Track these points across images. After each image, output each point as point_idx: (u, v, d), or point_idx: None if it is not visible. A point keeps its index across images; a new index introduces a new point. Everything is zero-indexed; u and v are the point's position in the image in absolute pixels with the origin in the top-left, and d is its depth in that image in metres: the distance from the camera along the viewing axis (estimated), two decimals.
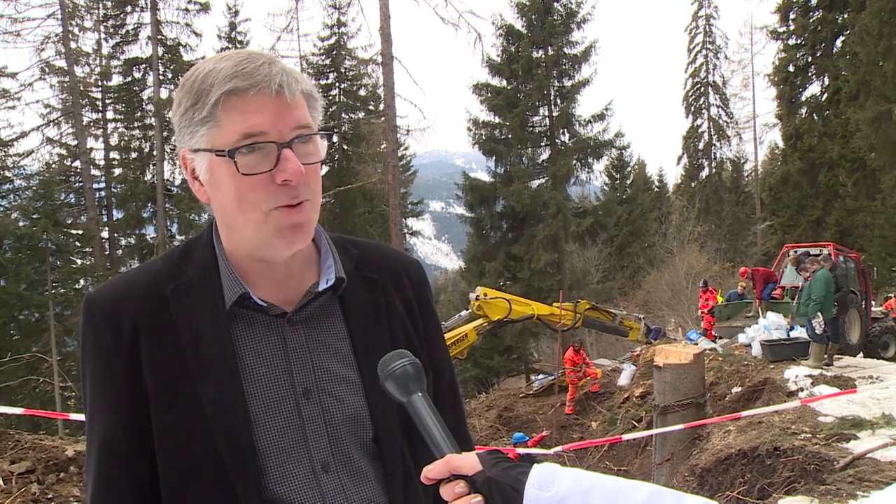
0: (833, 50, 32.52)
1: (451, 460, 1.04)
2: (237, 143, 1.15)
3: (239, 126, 1.15)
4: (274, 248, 1.21)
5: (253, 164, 1.15)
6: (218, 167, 1.18)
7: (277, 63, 1.19)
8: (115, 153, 34.33)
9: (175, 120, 1.23)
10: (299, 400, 1.24)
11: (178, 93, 1.22)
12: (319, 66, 36.70)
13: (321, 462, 1.23)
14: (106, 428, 1.22)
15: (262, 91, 1.15)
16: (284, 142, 1.16)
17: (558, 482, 0.97)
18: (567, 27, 31.34)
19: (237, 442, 1.18)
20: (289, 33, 30.74)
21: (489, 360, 29.75)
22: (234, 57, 1.19)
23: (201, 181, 1.23)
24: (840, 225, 30.46)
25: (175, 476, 1.19)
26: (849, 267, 15.67)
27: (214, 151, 1.17)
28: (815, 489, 5.81)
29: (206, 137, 1.18)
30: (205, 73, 1.18)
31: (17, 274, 22.60)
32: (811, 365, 10.89)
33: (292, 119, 1.18)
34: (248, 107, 1.15)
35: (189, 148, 1.22)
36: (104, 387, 1.22)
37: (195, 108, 1.18)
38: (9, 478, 6.35)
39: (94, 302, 1.25)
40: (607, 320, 19.00)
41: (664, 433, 9.25)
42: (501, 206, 31.31)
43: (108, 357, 1.22)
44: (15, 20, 29.16)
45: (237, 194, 1.17)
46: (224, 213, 1.23)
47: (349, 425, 1.26)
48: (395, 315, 1.36)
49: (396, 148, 25.01)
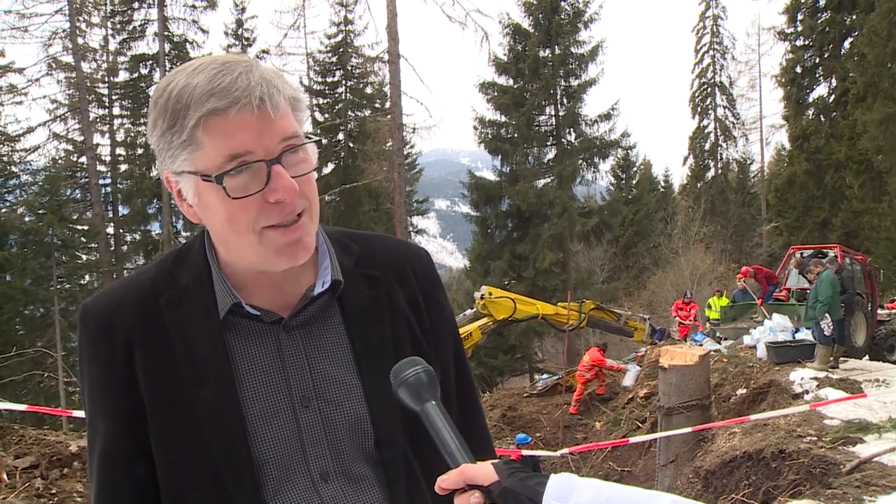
0: (841, 51, 32.38)
1: (466, 470, 1.02)
2: (223, 165, 1.08)
3: (223, 148, 1.08)
4: (275, 266, 1.17)
5: (242, 185, 1.09)
6: (206, 191, 1.12)
7: (255, 69, 1.11)
8: (122, 149, 34.49)
9: (152, 141, 1.15)
10: (297, 409, 1.21)
11: (152, 112, 1.13)
12: (326, 64, 36.78)
13: (320, 471, 1.20)
14: (105, 438, 1.20)
15: (243, 108, 1.07)
16: (273, 157, 1.09)
17: (577, 494, 0.95)
18: (574, 26, 31.38)
19: (233, 454, 1.16)
20: (296, 30, 30.90)
21: (493, 359, 29.76)
22: (207, 69, 1.09)
23: (189, 203, 1.17)
24: (846, 227, 30.33)
25: (173, 488, 1.17)
26: (855, 269, 15.59)
27: (200, 175, 1.11)
28: (822, 493, 5.77)
29: (188, 161, 1.11)
30: (178, 91, 1.09)
31: (23, 269, 22.66)
32: (817, 367, 10.85)
33: (278, 132, 1.10)
34: (229, 126, 1.07)
35: (172, 171, 1.15)
36: (101, 397, 1.21)
37: (173, 132, 1.10)
38: (13, 473, 6.36)
39: (89, 312, 1.22)
40: (612, 320, 18.97)
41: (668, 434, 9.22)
42: (507, 205, 31.39)
43: (104, 368, 1.20)
44: (23, 16, 29.23)
45: (228, 217, 1.11)
46: (217, 235, 1.19)
47: (349, 431, 1.23)
48: (398, 314, 1.31)
49: (402, 146, 25.04)
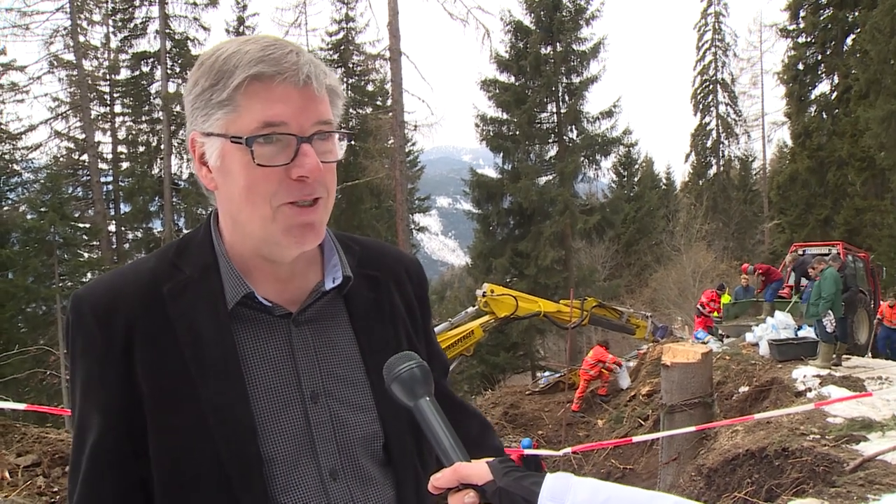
0: (843, 48, 32.28)
1: (460, 469, 1.00)
2: (255, 131, 1.09)
3: (259, 114, 1.09)
4: (281, 246, 1.15)
5: (269, 155, 1.10)
6: (231, 154, 1.12)
7: (305, 53, 1.14)
8: (123, 147, 34.60)
9: (188, 100, 1.16)
10: (307, 404, 1.18)
11: (195, 72, 1.15)
12: (327, 62, 35.92)
13: (329, 469, 1.18)
14: (96, 434, 1.14)
15: (288, 80, 1.10)
16: (305, 136, 1.11)
17: (573, 493, 0.93)
18: (576, 23, 31.30)
19: (242, 451, 1.12)
20: (297, 28, 30.77)
21: (495, 356, 29.71)
22: (259, 41, 1.13)
23: (210, 167, 1.16)
24: (849, 224, 30.26)
25: (173, 486, 1.11)
26: (858, 266, 15.59)
27: (230, 137, 1.11)
28: (825, 491, 5.75)
29: (221, 122, 1.12)
30: (228, 55, 1.12)
31: (25, 267, 22.67)
32: (819, 365, 10.82)
33: (315, 113, 1.12)
34: (271, 94, 1.10)
35: (201, 131, 1.15)
36: (95, 391, 1.14)
37: (214, 90, 1.11)
38: (15, 471, 6.36)
39: (84, 302, 1.16)
40: (614, 318, 18.94)
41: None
42: (508, 202, 31.34)
43: (100, 361, 1.14)
44: (24, 14, 29.33)
45: (248, 184, 1.11)
46: (231, 203, 1.16)
47: (358, 431, 1.21)
48: (397, 314, 1.32)
49: (404, 143, 24.98)
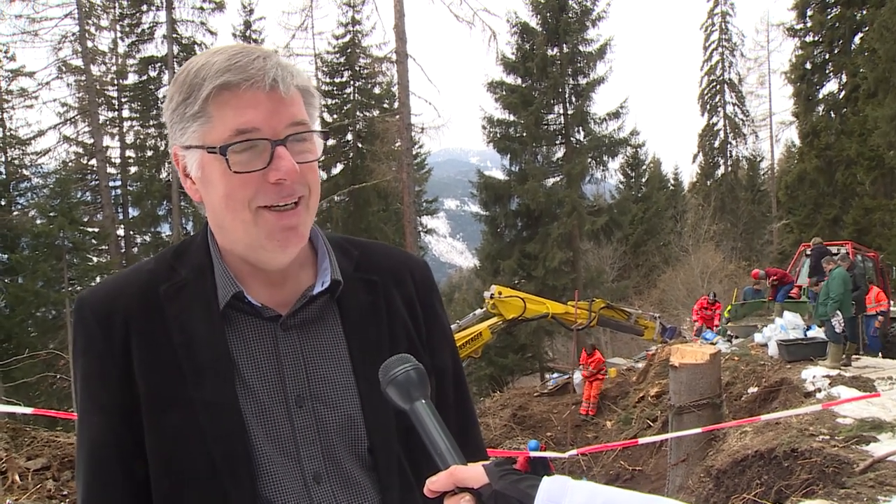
0: (851, 47, 32.08)
1: (456, 472, 0.99)
2: (229, 139, 1.11)
3: (231, 122, 1.11)
4: (266, 250, 1.17)
5: (245, 161, 1.11)
6: (209, 164, 1.14)
7: (273, 57, 1.15)
8: (131, 151, 34.67)
9: (167, 116, 1.19)
10: (291, 408, 1.19)
11: (171, 88, 1.18)
12: (334, 65, 36.78)
13: (313, 473, 1.19)
14: (97, 432, 1.18)
15: (255, 85, 1.11)
16: (278, 139, 1.12)
17: (570, 496, 0.92)
18: (582, 25, 31.30)
19: (231, 448, 1.15)
20: (303, 31, 30.77)
21: (503, 358, 29.70)
22: (227, 51, 1.15)
23: (193, 179, 1.18)
24: (857, 224, 30.05)
25: (167, 480, 1.15)
26: (867, 266, 15.51)
27: (206, 148, 1.13)
28: (835, 492, 5.71)
29: (197, 134, 1.14)
30: (197, 68, 1.14)
31: (34, 271, 22.82)
32: (829, 365, 10.77)
33: (287, 115, 1.13)
34: (240, 102, 1.11)
35: (180, 144, 1.17)
36: (96, 389, 1.19)
37: (186, 103, 1.14)
38: (25, 474, 6.38)
39: (85, 303, 1.21)
40: (622, 319, 18.92)
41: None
42: (516, 204, 31.34)
43: (100, 359, 1.18)
44: (33, 20, 29.51)
45: (227, 192, 1.13)
46: (214, 212, 1.19)
47: (343, 435, 1.21)
48: (396, 316, 1.31)
49: (411, 146, 24.99)
